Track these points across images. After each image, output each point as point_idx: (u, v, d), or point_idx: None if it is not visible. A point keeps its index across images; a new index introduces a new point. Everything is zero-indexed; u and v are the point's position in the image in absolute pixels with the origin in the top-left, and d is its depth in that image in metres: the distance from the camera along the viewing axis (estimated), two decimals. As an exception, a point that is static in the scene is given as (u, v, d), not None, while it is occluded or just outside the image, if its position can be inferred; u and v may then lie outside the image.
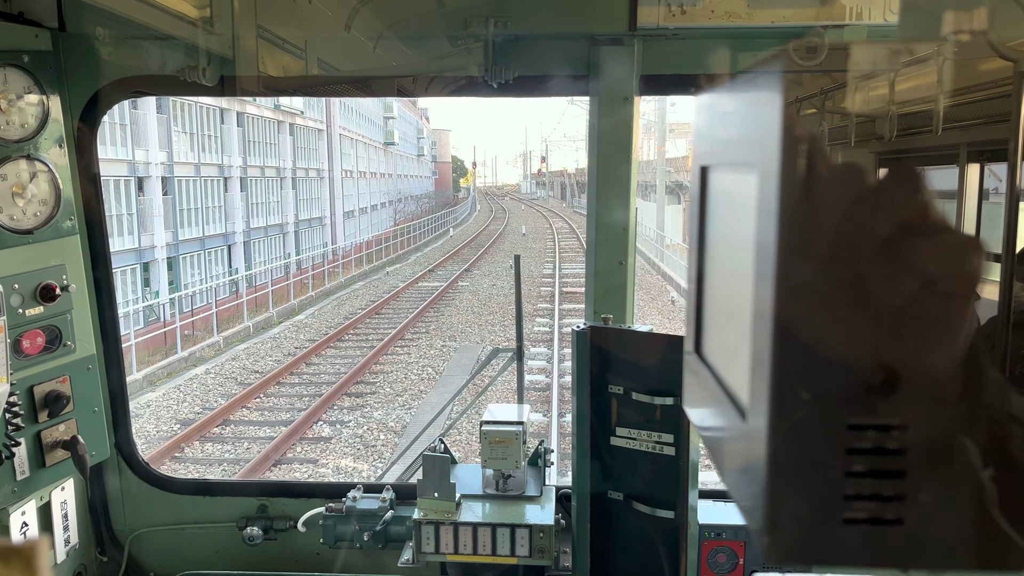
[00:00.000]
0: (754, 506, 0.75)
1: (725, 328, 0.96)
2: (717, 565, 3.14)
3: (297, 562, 3.54)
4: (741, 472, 0.81)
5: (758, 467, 0.74)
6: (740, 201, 0.88)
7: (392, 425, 15.08)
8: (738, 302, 0.87)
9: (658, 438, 2.91)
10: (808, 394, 0.71)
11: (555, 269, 33.48)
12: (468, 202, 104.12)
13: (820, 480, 0.71)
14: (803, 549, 0.72)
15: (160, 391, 17.90)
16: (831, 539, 0.71)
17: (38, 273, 2.96)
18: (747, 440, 0.79)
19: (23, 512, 2.97)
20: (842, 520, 0.71)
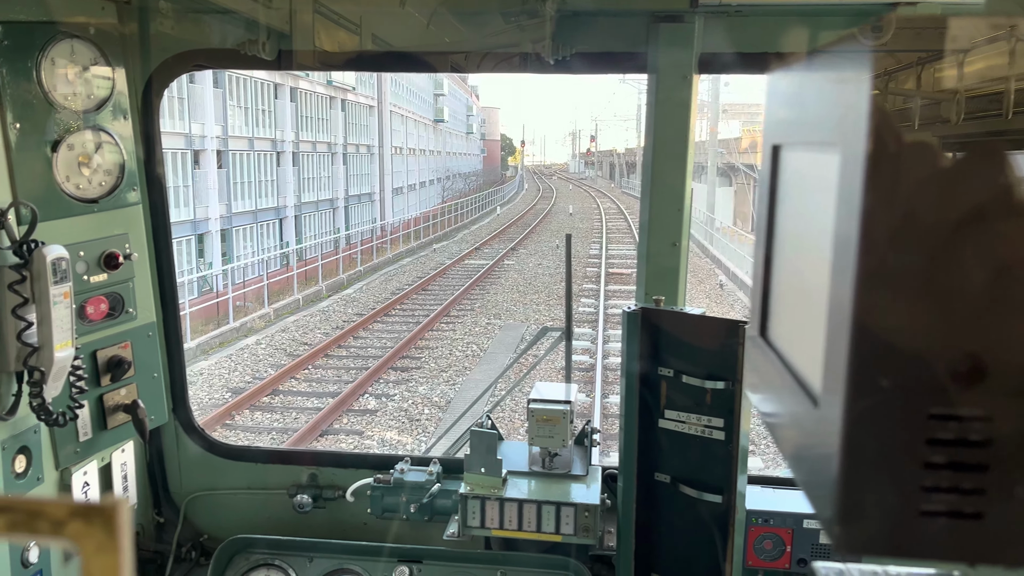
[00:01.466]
0: (825, 495, 0.73)
1: (796, 311, 0.94)
2: (763, 552, 3.11)
3: (344, 531, 3.60)
4: (811, 460, 0.80)
5: (831, 455, 0.72)
6: (817, 181, 0.85)
7: (436, 400, 15.23)
8: (812, 284, 0.84)
9: (708, 422, 2.88)
10: (887, 381, 0.69)
11: (602, 250, 33.28)
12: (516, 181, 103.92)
13: (897, 470, 0.69)
14: (876, 540, 0.70)
15: (212, 360, 18.35)
16: (906, 531, 0.70)
17: (102, 241, 3.04)
18: (819, 427, 0.77)
19: (85, 472, 3.07)
20: (919, 512, 0.69)
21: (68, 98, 2.92)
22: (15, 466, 2.75)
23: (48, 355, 2.66)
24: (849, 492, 0.69)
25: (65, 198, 2.91)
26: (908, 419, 0.69)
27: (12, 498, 0.54)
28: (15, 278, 2.61)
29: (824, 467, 0.73)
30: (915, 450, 0.69)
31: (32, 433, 2.82)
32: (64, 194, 2.90)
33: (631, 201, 61.56)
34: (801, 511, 3.09)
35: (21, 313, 2.63)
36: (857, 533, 0.69)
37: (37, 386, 2.67)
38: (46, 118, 2.84)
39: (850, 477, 0.69)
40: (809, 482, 0.79)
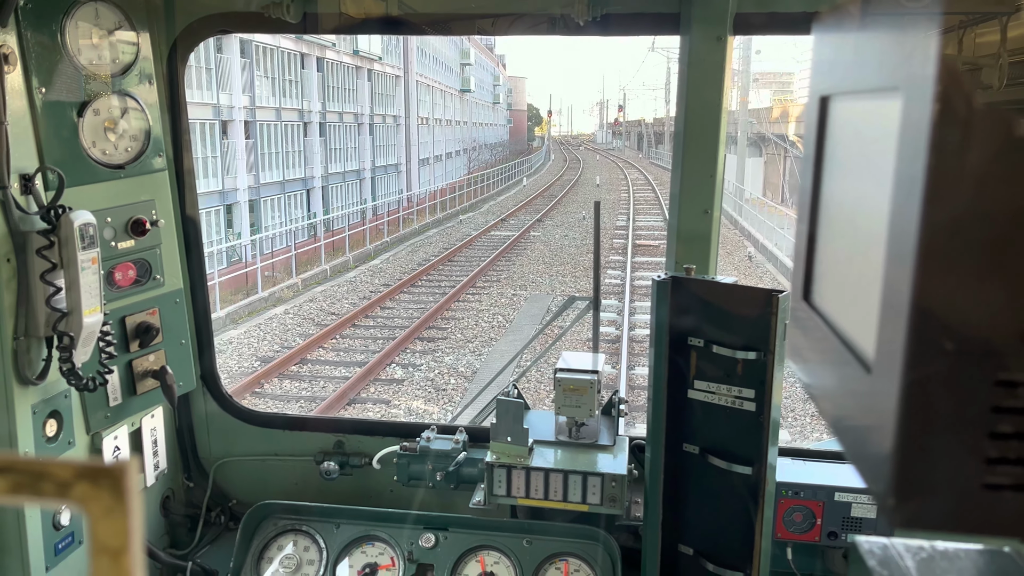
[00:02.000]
0: (878, 467, 0.68)
1: (845, 272, 0.88)
2: (793, 524, 3.07)
3: (371, 498, 3.62)
4: (862, 430, 0.75)
5: (885, 425, 0.67)
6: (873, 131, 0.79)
7: (462, 370, 15.29)
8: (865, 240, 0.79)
9: (738, 393, 2.83)
10: (951, 345, 0.64)
11: (629, 221, 33.02)
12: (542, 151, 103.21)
13: (959, 440, 0.64)
14: (934, 515, 0.65)
15: (241, 329, 18.56)
16: (967, 505, 0.65)
17: (129, 208, 3.04)
18: (872, 395, 0.72)
19: (115, 436, 3.10)
20: (982, 485, 0.64)
21: (93, 62, 2.90)
22: (46, 430, 2.78)
23: (77, 320, 2.67)
24: (905, 464, 0.64)
25: (91, 164, 2.90)
26: (972, 386, 0.64)
27: (15, 458, 0.51)
28: (43, 243, 2.62)
29: (877, 437, 0.68)
30: (980, 419, 0.64)
31: (63, 398, 2.84)
32: (90, 159, 2.90)
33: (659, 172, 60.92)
34: (832, 483, 3.04)
35: (50, 278, 2.64)
36: (913, 507, 0.65)
37: (67, 351, 2.68)
38: (71, 83, 2.82)
39: (907, 448, 0.64)
40: (859, 453, 0.75)
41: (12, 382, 2.62)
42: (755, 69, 44.27)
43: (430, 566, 3.26)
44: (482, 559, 3.25)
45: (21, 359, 2.66)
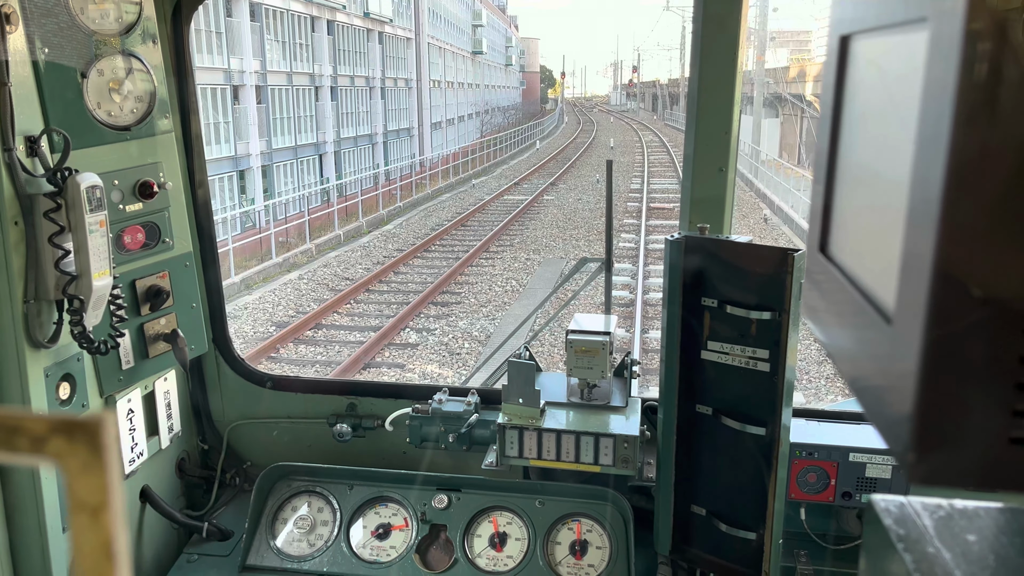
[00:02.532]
0: (898, 421, 0.65)
1: (866, 221, 0.84)
2: (807, 485, 3.05)
3: (384, 460, 3.63)
4: (881, 383, 0.71)
5: (906, 377, 0.64)
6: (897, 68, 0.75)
7: (476, 335, 15.33)
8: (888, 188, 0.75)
9: (752, 353, 2.80)
10: (978, 292, 0.60)
11: (643, 184, 32.75)
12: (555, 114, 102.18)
13: (984, 392, 0.61)
14: (957, 470, 0.62)
15: (256, 294, 18.67)
16: (992, 460, 0.61)
17: (136, 170, 3.01)
18: (892, 347, 0.69)
19: (129, 400, 3.12)
20: (1008, 439, 0.61)
21: (96, 22, 2.86)
22: (59, 393, 2.79)
23: (87, 283, 2.66)
24: (927, 417, 0.61)
25: (97, 125, 2.87)
26: (999, 334, 0.60)
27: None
28: (50, 206, 2.60)
29: (898, 390, 0.65)
30: (1007, 369, 0.60)
31: (75, 361, 2.85)
32: (96, 121, 2.87)
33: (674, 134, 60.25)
34: (847, 444, 3.02)
35: (58, 241, 2.63)
36: (935, 462, 0.62)
37: (77, 314, 2.68)
38: (74, 43, 2.78)
39: (928, 400, 0.61)
40: (878, 408, 0.71)
41: (24, 345, 2.63)
42: (772, 27, 43.42)
43: (443, 526, 3.28)
44: (495, 519, 3.27)
45: (32, 322, 2.66)
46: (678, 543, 3.13)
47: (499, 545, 3.21)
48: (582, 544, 3.18)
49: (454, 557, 3.19)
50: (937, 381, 0.60)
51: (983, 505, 0.99)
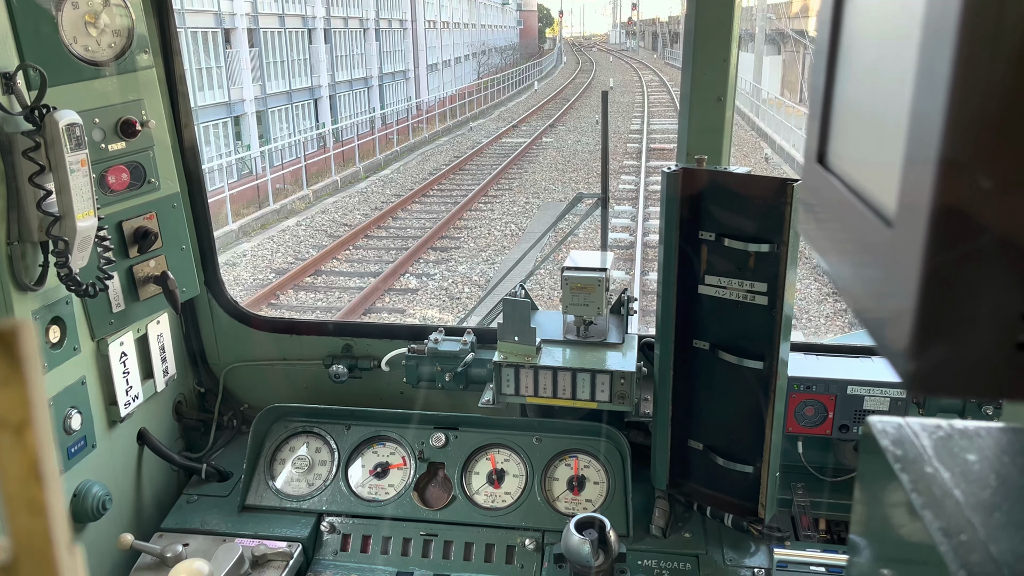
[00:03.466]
0: (898, 327, 0.60)
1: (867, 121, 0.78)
2: (805, 418, 3.04)
3: (381, 400, 3.63)
4: (880, 288, 0.67)
5: (907, 279, 0.59)
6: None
7: (476, 279, 15.30)
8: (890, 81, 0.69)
9: (750, 287, 2.75)
10: (986, 183, 0.55)
11: (643, 125, 32.33)
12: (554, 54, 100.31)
13: (991, 293, 0.56)
14: (959, 376, 0.58)
15: (255, 241, 18.59)
16: (997, 366, 0.57)
17: (117, 108, 2.93)
18: (892, 249, 0.64)
19: (121, 343, 3.09)
20: (1015, 343, 0.57)
21: (67, -49, 2.73)
22: (49, 336, 2.76)
23: (71, 224, 2.60)
24: (929, 320, 0.56)
25: (74, 61, 2.77)
26: (1011, 228, 0.55)
27: None
28: (29, 145, 2.53)
29: (898, 294, 0.60)
30: (1017, 267, 0.55)
31: (64, 304, 2.81)
32: (73, 56, 2.77)
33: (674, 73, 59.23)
34: (845, 377, 3.00)
35: (39, 181, 2.56)
36: (936, 367, 0.57)
37: (62, 256, 2.63)
38: (46, -27, 2.66)
39: (930, 302, 0.56)
40: (877, 317, 0.67)
41: (10, 288, 2.58)
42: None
43: (441, 464, 3.28)
44: (492, 457, 3.27)
45: (17, 265, 2.61)
46: (675, 477, 3.14)
47: (497, 482, 3.22)
48: (579, 480, 3.19)
49: (452, 494, 3.21)
50: (939, 282, 0.56)
51: (984, 425, 0.95)
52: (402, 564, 3.04)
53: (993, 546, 0.74)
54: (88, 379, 2.94)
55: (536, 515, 3.11)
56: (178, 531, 3.14)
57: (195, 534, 3.12)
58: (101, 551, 3.02)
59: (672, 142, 27.69)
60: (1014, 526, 0.77)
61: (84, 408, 2.91)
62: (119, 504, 3.14)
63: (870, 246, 0.70)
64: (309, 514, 3.18)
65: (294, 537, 3.07)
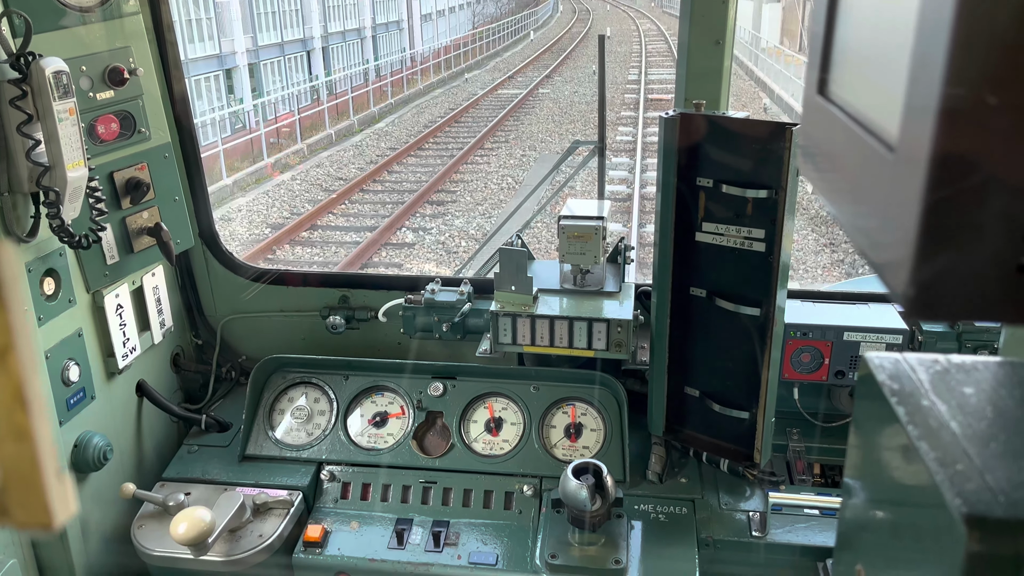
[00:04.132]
0: (898, 252, 0.59)
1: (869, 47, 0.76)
2: (801, 364, 3.06)
3: (378, 351, 3.64)
4: (880, 213, 0.65)
5: (908, 202, 0.58)
6: None
7: (473, 233, 15.25)
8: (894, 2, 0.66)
9: (748, 233, 2.74)
10: (992, 99, 0.53)
11: (640, 75, 31.89)
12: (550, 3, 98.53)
13: (994, 214, 0.55)
14: (959, 300, 0.57)
15: (250, 196, 18.46)
16: (998, 289, 0.56)
17: (104, 56, 2.87)
18: (894, 174, 0.62)
19: (117, 295, 3.08)
20: (1017, 267, 0.56)
21: None
22: (44, 288, 2.75)
23: (61, 175, 2.57)
24: (930, 239, 0.55)
25: (58, 6, 2.71)
26: (1012, 148, 0.53)
27: None
28: (16, 93, 2.48)
29: (898, 219, 0.59)
30: (1019, 188, 0.54)
31: (58, 256, 2.80)
32: (57, 1, 2.70)
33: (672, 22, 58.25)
34: (842, 323, 3.00)
35: (27, 131, 2.52)
36: (936, 292, 0.56)
37: (54, 207, 2.60)
38: (25, -86, 2.58)
39: (932, 221, 0.55)
40: (875, 239, 0.66)
41: (2, 239, 2.56)
42: (776, -96, 41.20)
43: (439, 413, 3.31)
44: (490, 405, 3.29)
45: (8, 216, 2.59)
46: (671, 424, 3.17)
47: (495, 430, 3.25)
48: (577, 427, 3.22)
49: (451, 442, 3.23)
50: (941, 203, 0.54)
51: (982, 359, 0.95)
52: (402, 511, 3.08)
53: (989, 475, 0.74)
54: (85, 331, 2.94)
55: (534, 462, 3.14)
56: (179, 480, 3.18)
57: (197, 483, 3.15)
58: (104, 501, 3.05)
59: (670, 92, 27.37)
60: (1010, 456, 0.77)
61: (82, 360, 2.91)
62: (120, 455, 3.16)
63: (872, 173, 0.68)
64: (309, 463, 3.21)
65: (294, 485, 3.11)
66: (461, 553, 2.90)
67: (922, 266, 0.55)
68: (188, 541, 2.68)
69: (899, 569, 0.92)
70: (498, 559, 2.87)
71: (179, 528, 2.67)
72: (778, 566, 2.83)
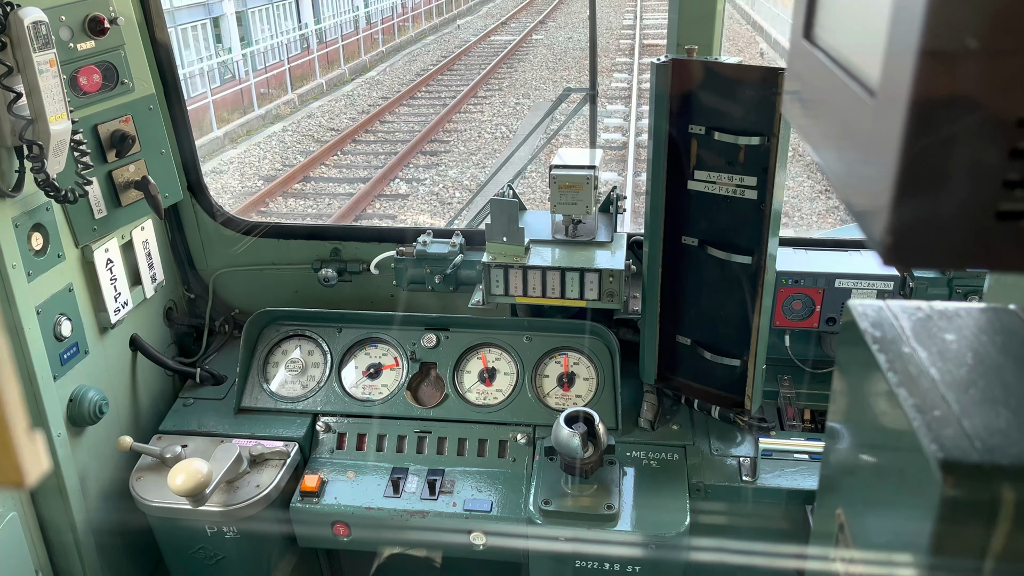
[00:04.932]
0: (878, 199, 0.59)
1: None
2: (792, 312, 3.07)
3: (372, 303, 3.64)
4: (862, 161, 0.64)
5: (887, 147, 0.57)
6: None
7: (467, 183, 15.14)
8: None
9: (740, 181, 2.72)
10: (973, 42, 0.52)
11: (636, 19, 31.32)
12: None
13: (973, 160, 0.54)
14: (937, 247, 0.56)
15: (241, 148, 18.26)
16: (976, 235, 0.56)
17: (83, 4, 2.80)
18: (875, 119, 0.61)
19: (106, 249, 3.06)
20: (995, 212, 0.55)
21: None
22: (32, 243, 2.73)
23: (44, 128, 2.53)
24: (909, 183, 0.54)
25: (33, -47, 2.63)
26: (996, 91, 0.52)
27: None
28: (-7, 45, 2.43)
29: (878, 164, 0.58)
30: (1001, 133, 0.53)
31: (44, 211, 2.77)
32: (31, -52, 2.62)
33: (668, -35, 56.91)
34: (833, 271, 3.01)
35: (7, 84, 2.47)
36: (914, 239, 0.56)
37: (38, 161, 2.57)
38: None
39: (911, 166, 0.54)
40: (856, 186, 0.65)
41: None
42: None
43: (433, 364, 3.32)
44: (483, 356, 3.31)
45: (-9, 171, 2.55)
46: (663, 372, 3.19)
47: (488, 380, 3.27)
48: (570, 376, 3.24)
49: (445, 393, 3.26)
50: (920, 148, 0.53)
51: (964, 306, 0.95)
52: (397, 460, 3.12)
53: (967, 421, 0.75)
54: (75, 286, 2.93)
55: (527, 411, 3.17)
56: (176, 433, 3.20)
57: (193, 436, 3.18)
58: (101, 454, 3.08)
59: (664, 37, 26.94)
60: (989, 402, 0.77)
61: (74, 315, 2.91)
62: (116, 409, 3.18)
63: (853, 118, 0.67)
64: (304, 415, 3.24)
65: (290, 437, 3.14)
66: (456, 500, 2.95)
67: (900, 212, 0.54)
68: (186, 492, 2.71)
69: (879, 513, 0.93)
70: (492, 506, 2.92)
71: (177, 479, 2.70)
72: (768, 510, 2.88)
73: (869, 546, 0.92)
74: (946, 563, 0.70)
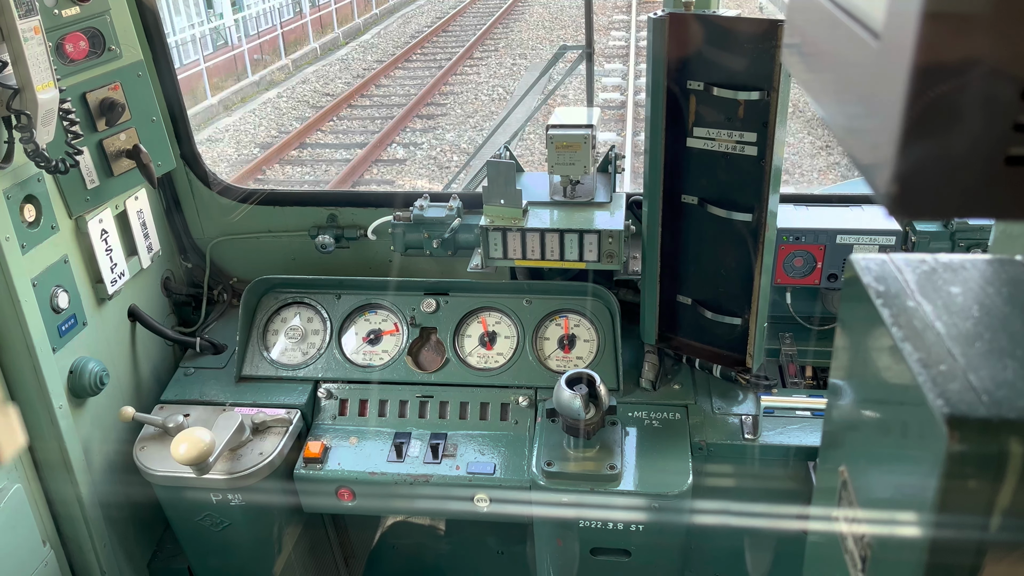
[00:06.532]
0: (882, 143, 0.56)
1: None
2: (793, 269, 3.05)
3: (370, 269, 3.61)
4: (864, 106, 0.62)
5: (893, 91, 0.54)
6: None
7: (464, 147, 15.01)
8: None
9: (739, 137, 2.68)
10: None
11: (633, -24, 30.76)
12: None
13: (982, 102, 0.51)
14: (946, 196, 0.54)
15: (236, 116, 18.08)
16: (985, 181, 0.53)
17: (66, -31, 2.74)
18: (879, 62, 0.58)
19: (100, 220, 3.03)
20: (1004, 158, 0.52)
21: None
22: (24, 215, 2.70)
23: (31, 97, 2.49)
24: (915, 128, 0.51)
25: (11, -84, 2.56)
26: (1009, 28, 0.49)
27: None
28: (-26, 13, 2.37)
29: (882, 108, 0.55)
30: (1011, 74, 0.50)
31: (36, 182, 2.74)
32: (9, -89, 2.55)
33: (665, -81, 55.78)
34: (835, 227, 2.98)
35: (-9, 53, 2.43)
36: (920, 188, 0.53)
37: (27, 131, 2.53)
38: None
39: (917, 110, 0.51)
40: (860, 136, 0.62)
41: None
42: None
43: (433, 329, 3.31)
44: (483, 320, 3.30)
45: (-21, 142, 2.52)
46: (664, 332, 3.18)
47: (489, 344, 3.26)
48: (570, 338, 3.23)
49: (445, 357, 3.25)
50: (926, 90, 0.51)
51: (969, 257, 0.93)
52: (399, 425, 3.13)
53: (973, 375, 0.73)
54: (71, 258, 2.91)
55: (528, 374, 3.16)
56: (178, 403, 3.21)
57: (195, 405, 3.18)
58: (104, 425, 3.08)
59: (663, -6, 26.48)
60: (995, 355, 0.76)
61: (70, 287, 2.89)
62: (117, 379, 3.18)
63: (857, 64, 0.64)
64: (305, 382, 3.24)
65: (292, 404, 3.14)
66: (459, 464, 2.96)
67: (906, 159, 0.51)
68: (189, 461, 2.72)
69: (882, 469, 0.92)
70: (496, 468, 2.93)
71: (180, 448, 2.71)
72: (770, 467, 2.89)
73: (873, 503, 0.91)
74: (951, 519, 0.69)
